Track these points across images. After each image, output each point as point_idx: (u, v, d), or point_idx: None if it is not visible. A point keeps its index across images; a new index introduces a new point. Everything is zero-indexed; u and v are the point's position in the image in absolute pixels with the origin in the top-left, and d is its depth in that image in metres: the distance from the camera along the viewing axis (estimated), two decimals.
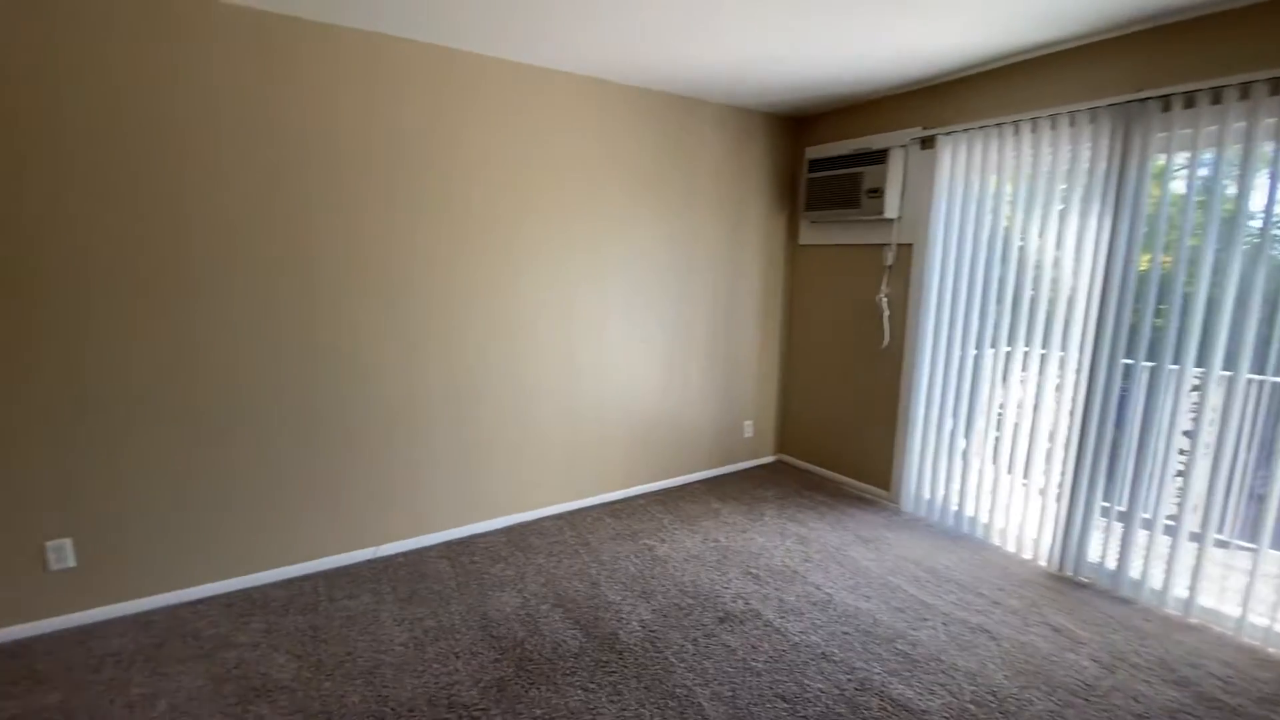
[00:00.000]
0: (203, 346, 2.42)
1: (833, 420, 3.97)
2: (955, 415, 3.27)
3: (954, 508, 3.32)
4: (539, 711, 1.95)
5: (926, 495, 3.44)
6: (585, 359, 3.38)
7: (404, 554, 2.94)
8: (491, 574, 2.78)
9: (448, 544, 3.05)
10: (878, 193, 3.36)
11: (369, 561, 2.86)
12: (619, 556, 2.96)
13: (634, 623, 2.43)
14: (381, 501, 2.90)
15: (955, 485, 3.31)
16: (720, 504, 3.61)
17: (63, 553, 2.29)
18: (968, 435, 3.22)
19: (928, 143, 3.26)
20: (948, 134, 3.13)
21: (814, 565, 2.91)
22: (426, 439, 2.96)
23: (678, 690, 2.06)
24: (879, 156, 3.36)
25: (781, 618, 2.49)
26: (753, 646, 2.30)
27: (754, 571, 2.84)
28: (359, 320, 2.72)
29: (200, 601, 2.52)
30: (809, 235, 4.01)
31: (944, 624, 2.46)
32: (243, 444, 2.55)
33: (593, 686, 2.07)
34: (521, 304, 3.12)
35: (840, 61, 2.86)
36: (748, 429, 4.18)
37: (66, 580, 2.32)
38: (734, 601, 2.60)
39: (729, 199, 3.79)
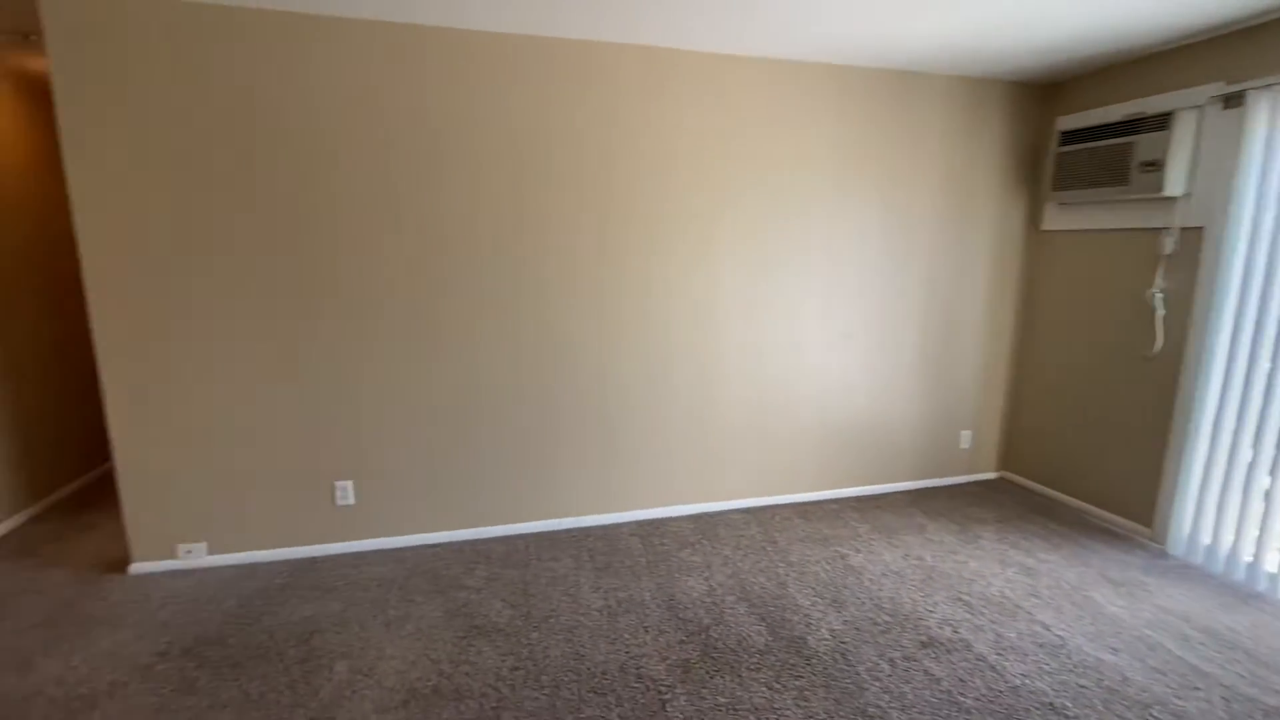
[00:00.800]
0: (446, 340, 2.83)
1: (1075, 437, 3.38)
2: (1256, 444, 2.58)
3: (1246, 558, 2.63)
4: (722, 699, 1.96)
5: (1205, 539, 2.78)
6: (779, 353, 3.30)
7: (600, 527, 3.15)
8: (679, 558, 2.85)
9: (639, 523, 3.20)
10: (1155, 165, 2.77)
11: (569, 530, 3.12)
12: (808, 560, 2.85)
13: (824, 630, 2.33)
14: (582, 478, 3.13)
15: (1251, 531, 2.62)
16: (927, 520, 3.29)
17: (346, 492, 2.85)
18: (1274, 472, 2.53)
19: (1233, 100, 2.59)
20: (1265, 88, 2.46)
21: (1042, 602, 2.51)
22: (621, 423, 3.13)
23: (870, 710, 1.93)
24: (1159, 122, 2.76)
25: (998, 654, 2.19)
26: (960, 680, 2.07)
27: (965, 598, 2.55)
28: (567, 310, 2.96)
29: (439, 545, 2.96)
30: (1056, 219, 3.44)
31: (1223, 699, 1.97)
32: (475, 420, 2.93)
33: (778, 687, 2.02)
34: (715, 294, 3.14)
35: (1110, 8, 2.40)
36: (964, 439, 3.75)
37: (347, 514, 2.88)
38: (940, 627, 2.35)
39: (954, 181, 3.40)
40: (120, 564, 2.76)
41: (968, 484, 3.78)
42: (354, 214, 2.65)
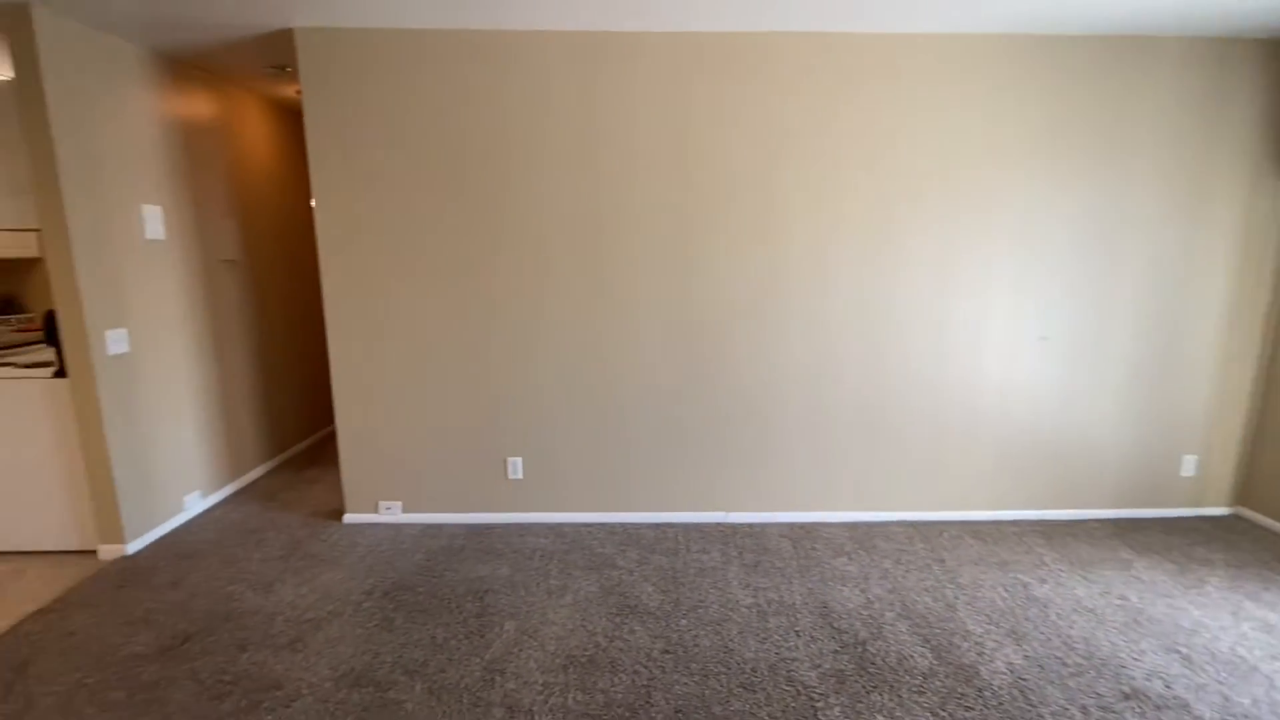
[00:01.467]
0: (613, 337, 2.96)
1: None
2: None
3: None
4: (880, 718, 1.86)
5: None
6: (956, 355, 3.03)
7: (749, 525, 3.12)
8: (833, 565, 2.74)
9: (790, 525, 3.12)
10: None
11: (718, 524, 3.13)
12: (981, 584, 2.60)
13: (999, 662, 2.11)
14: (735, 474, 3.12)
15: None
16: (1133, 555, 2.85)
17: (516, 468, 3.10)
18: None
19: None
20: None
21: None
22: (781, 422, 3.07)
23: None
24: None
25: None
26: None
27: (1182, 650, 2.17)
28: (730, 308, 2.96)
29: (594, 525, 3.12)
30: None
31: None
32: (636, 412, 3.04)
33: (944, 715, 1.87)
34: (888, 292, 2.96)
35: None
36: (1187, 466, 3.18)
37: (516, 488, 3.13)
38: (1148, 679, 2.03)
39: (1185, 165, 2.89)
40: (336, 514, 3.26)
41: (1190, 518, 3.20)
42: (541, 215, 2.87)
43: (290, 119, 4.18)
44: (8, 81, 2.61)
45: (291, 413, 4.19)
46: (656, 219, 2.88)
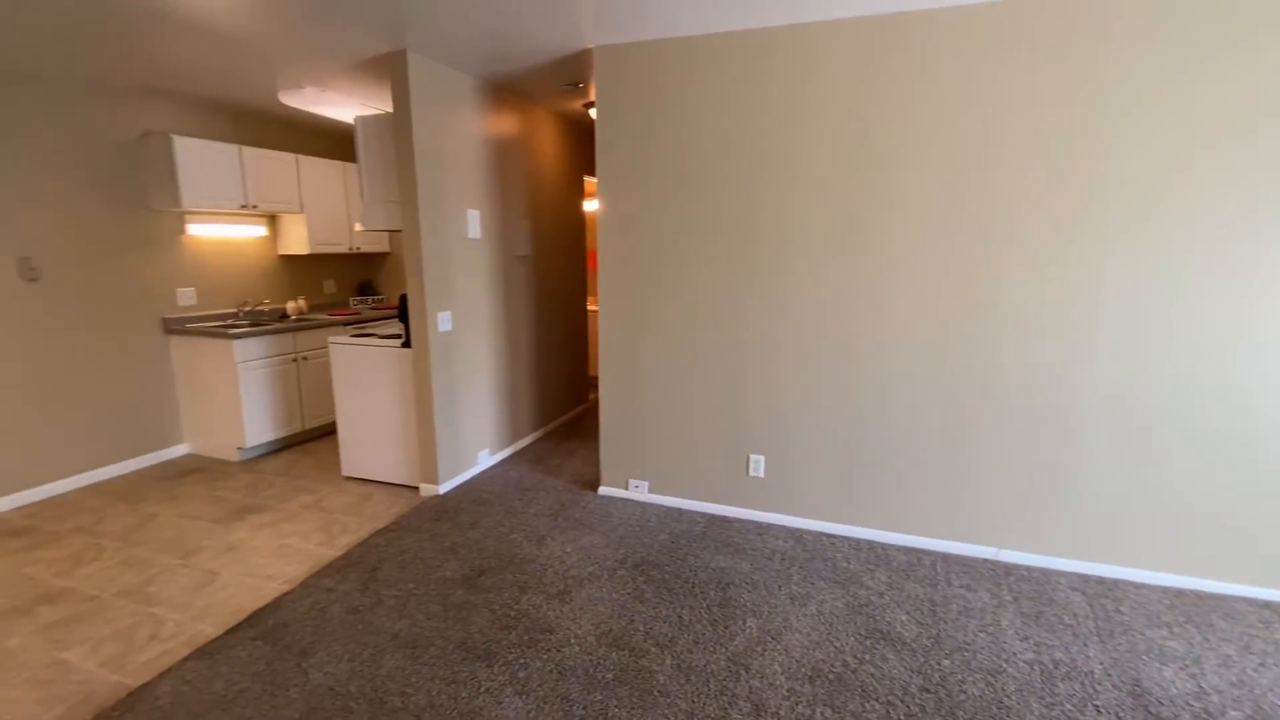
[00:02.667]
0: (870, 342, 2.78)
1: None
2: None
3: None
4: None
5: None
6: None
7: (1026, 568, 2.70)
8: (1147, 636, 2.23)
9: (1084, 578, 2.62)
10: None
11: (986, 561, 2.76)
12: None
13: None
14: (1009, 505, 2.72)
15: None
16: None
17: (758, 465, 3.10)
18: None
19: None
20: None
21: None
22: (1075, 451, 2.59)
23: None
24: None
25: None
26: None
27: None
28: (1025, 306, 2.57)
29: (836, 537, 2.98)
30: None
31: None
32: (891, 422, 2.82)
33: None
34: (1259, 304, 2.30)
35: None
36: None
37: (756, 485, 3.13)
38: None
39: None
40: (592, 484, 3.60)
41: None
42: (803, 212, 2.81)
43: (570, 129, 4.69)
44: (388, 114, 3.33)
45: (556, 390, 4.74)
46: (936, 216, 2.62)
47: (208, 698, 1.95)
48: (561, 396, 4.84)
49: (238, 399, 3.97)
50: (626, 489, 3.41)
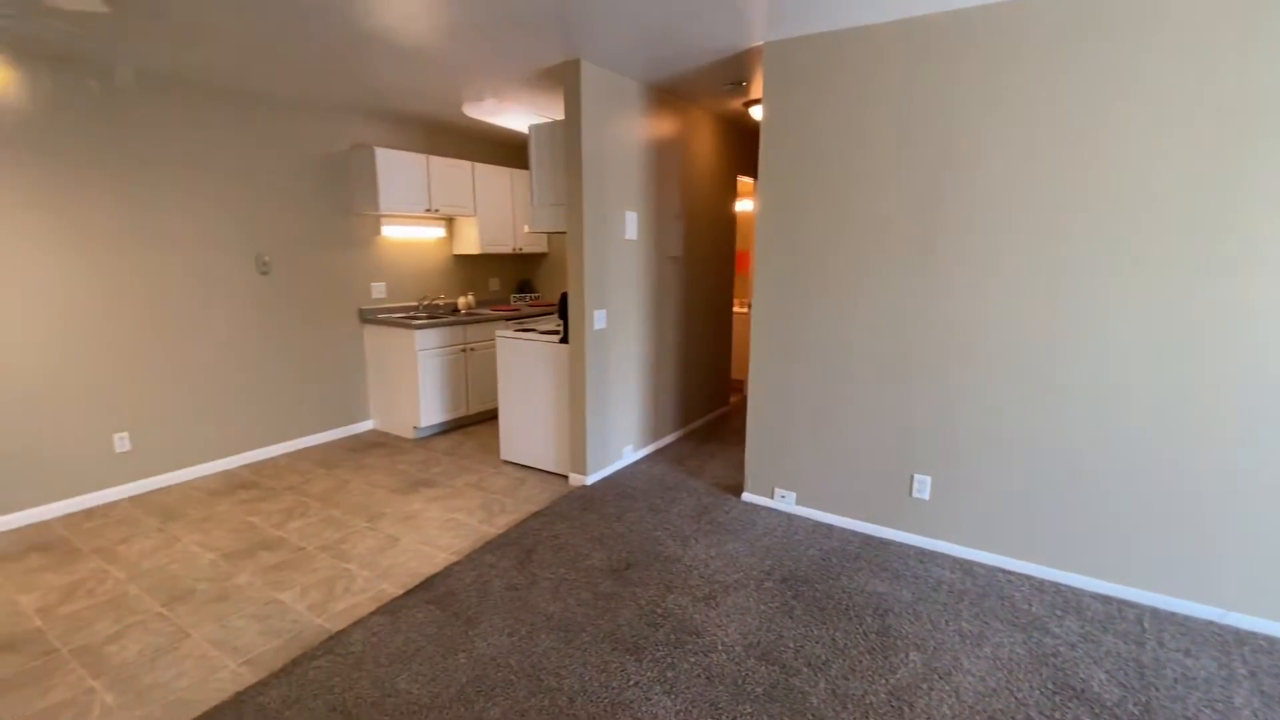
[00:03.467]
0: (1066, 348, 2.45)
1: None
2: None
3: None
4: None
5: None
6: None
7: (1266, 637, 2.23)
8: None
9: None
10: None
11: (1210, 623, 2.32)
12: None
13: None
14: (1250, 561, 2.27)
15: None
16: None
17: (923, 486, 2.86)
18: None
19: None
20: None
21: None
22: None
23: None
24: None
25: None
26: None
27: None
28: (1229, 331, 2.13)
29: (1014, 574, 2.66)
30: None
31: None
32: (1090, 444, 2.47)
33: None
34: None
35: None
36: None
37: (920, 508, 2.89)
38: None
39: None
40: (735, 489, 3.54)
41: None
42: (986, 215, 2.55)
43: (727, 129, 4.66)
44: (558, 121, 3.51)
45: (698, 391, 4.73)
46: (1149, 219, 2.24)
47: (391, 650, 2.16)
48: (703, 398, 4.83)
49: (416, 383, 4.40)
50: (772, 498, 3.31)
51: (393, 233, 4.74)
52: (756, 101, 3.88)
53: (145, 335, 3.52)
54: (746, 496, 3.40)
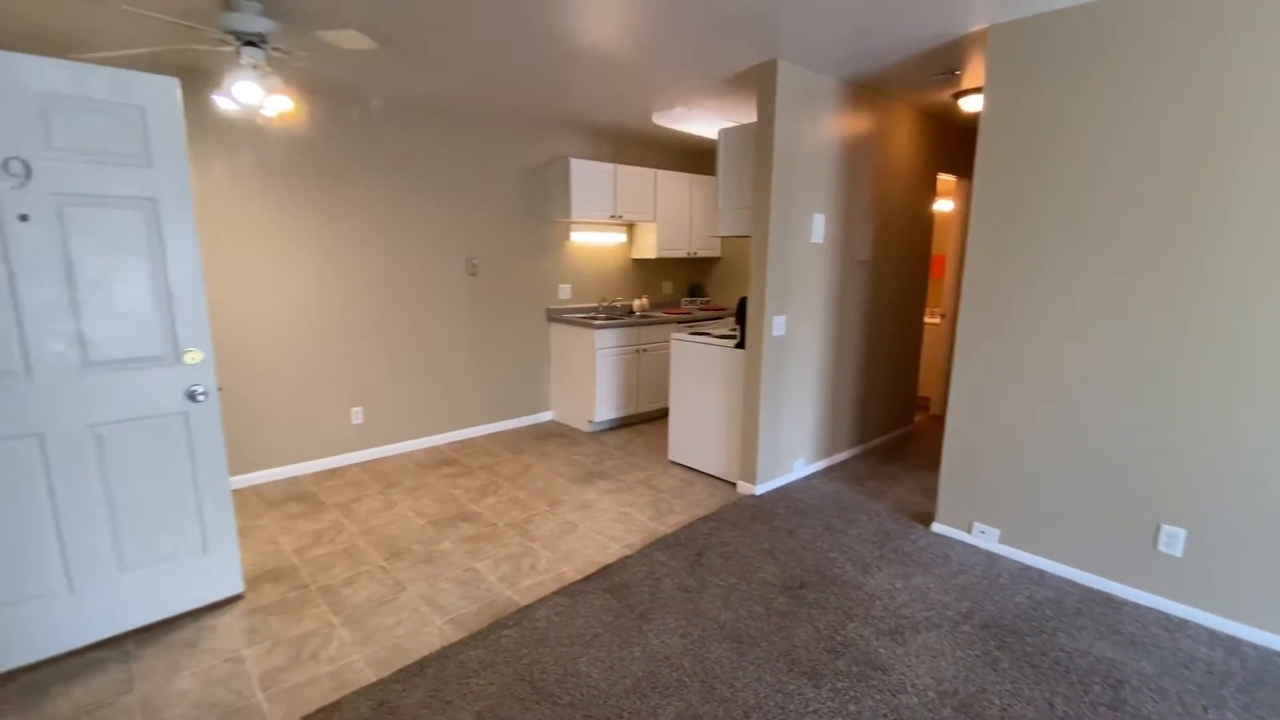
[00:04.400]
0: None
1: None
2: None
3: None
4: None
5: None
6: None
7: None
8: None
9: None
10: None
11: None
12: None
13: None
14: None
15: None
16: None
17: (1174, 540, 2.37)
18: None
19: None
20: None
21: None
22: None
23: None
24: None
25: None
26: None
27: None
28: None
29: None
30: None
31: None
32: None
33: None
34: None
35: None
36: None
37: (1168, 566, 2.40)
38: None
39: None
40: (923, 517, 3.23)
41: None
42: (1256, 225, 2.05)
43: (928, 123, 4.29)
44: (748, 125, 3.47)
45: (878, 406, 4.41)
46: None
47: (571, 632, 2.27)
48: (885, 414, 4.49)
49: (593, 380, 4.62)
50: (969, 532, 2.97)
51: (580, 238, 5.04)
52: (971, 91, 3.52)
53: (376, 325, 4.09)
54: (937, 527, 3.09)
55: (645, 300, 5.34)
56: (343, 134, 3.78)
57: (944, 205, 5.56)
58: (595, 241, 5.18)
